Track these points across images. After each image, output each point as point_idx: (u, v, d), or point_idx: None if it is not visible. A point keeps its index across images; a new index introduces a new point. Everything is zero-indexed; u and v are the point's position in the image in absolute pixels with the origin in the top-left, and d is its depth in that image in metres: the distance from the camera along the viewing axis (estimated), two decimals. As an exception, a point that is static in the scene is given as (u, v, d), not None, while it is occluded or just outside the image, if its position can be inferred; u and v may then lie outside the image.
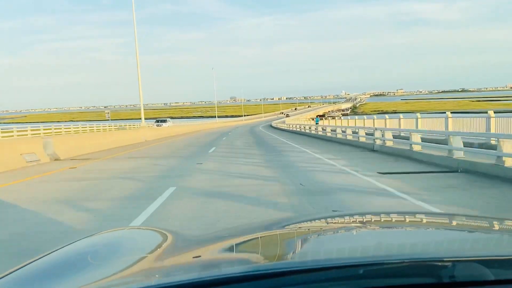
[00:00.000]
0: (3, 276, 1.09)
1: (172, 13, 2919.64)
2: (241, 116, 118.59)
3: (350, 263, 0.89)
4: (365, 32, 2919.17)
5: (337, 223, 1.54)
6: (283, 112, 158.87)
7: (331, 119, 49.67)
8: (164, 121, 49.64)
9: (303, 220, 1.68)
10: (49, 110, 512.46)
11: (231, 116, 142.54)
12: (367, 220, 1.57)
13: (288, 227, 1.49)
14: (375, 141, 15.96)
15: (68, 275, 1.09)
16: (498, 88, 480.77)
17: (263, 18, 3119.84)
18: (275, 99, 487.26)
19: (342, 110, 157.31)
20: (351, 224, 1.52)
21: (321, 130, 27.27)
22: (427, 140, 15.42)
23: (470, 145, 11.15)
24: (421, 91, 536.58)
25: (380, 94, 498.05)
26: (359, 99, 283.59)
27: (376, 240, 1.21)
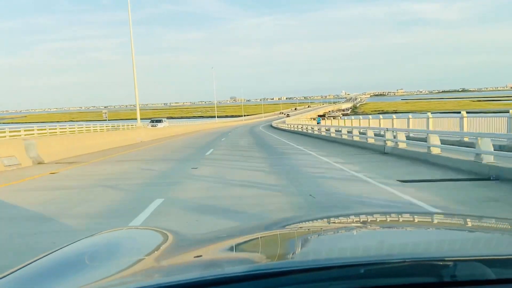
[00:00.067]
0: (4, 276, 1.08)
1: (172, 13, 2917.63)
2: (241, 116, 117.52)
3: (351, 263, 0.89)
4: (365, 32, 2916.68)
5: (337, 223, 1.53)
6: (282, 112, 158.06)
7: (332, 119, 48.86)
8: (160, 121, 47.52)
9: (304, 220, 1.65)
10: (49, 110, 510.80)
11: (231, 116, 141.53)
12: (368, 220, 1.53)
13: (289, 227, 1.47)
14: (386, 142, 14.72)
15: (69, 275, 1.09)
16: (499, 88, 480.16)
17: (263, 18, 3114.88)
18: (275, 99, 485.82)
19: (343, 110, 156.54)
20: (352, 224, 1.48)
21: (325, 130, 26.07)
22: (442, 142, 14.39)
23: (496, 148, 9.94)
24: (421, 91, 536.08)
25: (380, 94, 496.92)
26: (359, 99, 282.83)
27: (377, 239, 1.20)
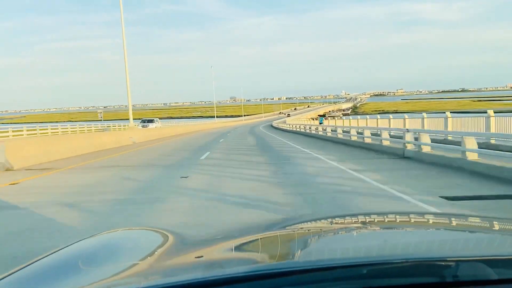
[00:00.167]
0: (4, 277, 1.08)
1: (172, 13, 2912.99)
2: (241, 116, 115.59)
3: (354, 263, 0.88)
4: (365, 32, 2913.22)
5: (340, 223, 1.53)
6: (281, 112, 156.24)
7: (331, 119, 47.05)
8: (151, 121, 44.69)
9: (306, 221, 1.64)
10: (48, 110, 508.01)
11: (231, 116, 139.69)
12: (370, 221, 1.53)
13: (290, 228, 1.46)
14: (406, 145, 12.88)
15: (68, 276, 1.09)
16: (498, 88, 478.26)
17: (263, 18, 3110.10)
18: (275, 99, 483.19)
19: (343, 110, 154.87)
20: (354, 224, 1.48)
21: (330, 131, 24.21)
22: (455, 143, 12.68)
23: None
24: (421, 91, 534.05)
25: (380, 94, 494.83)
26: (360, 99, 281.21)
27: (380, 240, 1.20)
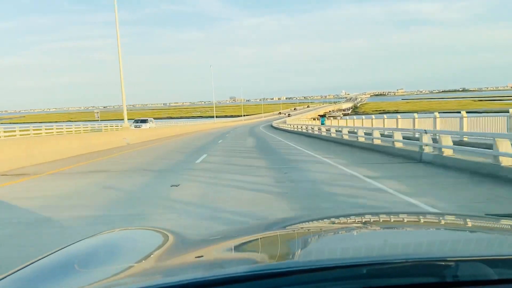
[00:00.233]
0: (4, 277, 1.08)
1: (172, 13, 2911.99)
2: (241, 116, 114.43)
3: (354, 263, 0.88)
4: (365, 32, 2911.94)
5: (339, 223, 1.53)
6: (281, 112, 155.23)
7: (333, 119, 45.88)
8: (145, 121, 42.26)
9: (306, 220, 1.64)
10: (48, 110, 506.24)
11: (231, 116, 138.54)
12: (370, 220, 1.53)
13: (291, 227, 1.46)
14: (423, 148, 11.66)
15: (69, 276, 1.09)
16: (499, 88, 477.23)
17: (263, 18, 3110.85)
18: (274, 99, 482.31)
19: (343, 110, 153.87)
20: (354, 224, 1.48)
21: (335, 131, 23.01)
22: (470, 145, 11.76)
23: None
24: (421, 91, 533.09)
25: (380, 94, 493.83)
26: (360, 99, 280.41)
27: (380, 240, 1.19)
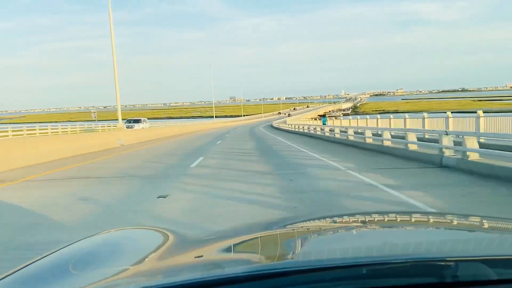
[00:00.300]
0: (5, 277, 1.08)
1: (172, 13, 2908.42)
2: (241, 116, 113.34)
3: (354, 263, 0.88)
4: (365, 32, 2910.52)
5: (339, 223, 1.52)
6: (280, 112, 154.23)
7: (334, 119, 44.81)
8: (138, 121, 39.38)
9: (305, 220, 1.62)
10: (48, 110, 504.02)
11: (230, 116, 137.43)
12: (369, 220, 1.52)
13: (290, 227, 1.45)
14: (443, 151, 10.47)
15: (69, 276, 1.09)
16: (498, 88, 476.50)
17: (263, 18, 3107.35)
18: (274, 99, 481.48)
19: (343, 110, 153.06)
20: (354, 224, 1.47)
21: (339, 132, 21.81)
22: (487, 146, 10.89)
23: None
24: (420, 91, 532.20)
25: (380, 94, 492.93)
26: (359, 99, 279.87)
27: (380, 240, 1.19)
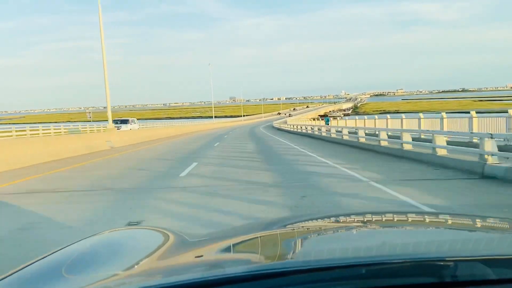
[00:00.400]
0: (5, 277, 1.08)
1: (172, 14, 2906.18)
2: (240, 116, 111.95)
3: (353, 263, 0.88)
4: (365, 32, 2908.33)
5: (339, 222, 1.52)
6: (280, 112, 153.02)
7: (339, 119, 43.42)
8: (125, 121, 36.05)
9: (305, 220, 1.63)
10: (48, 110, 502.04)
11: (230, 117, 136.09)
12: (369, 220, 1.52)
13: (290, 227, 1.45)
14: (486, 158, 8.67)
15: (69, 276, 1.09)
16: (499, 88, 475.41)
17: (263, 18, 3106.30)
18: (274, 99, 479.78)
19: (343, 110, 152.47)
20: (353, 224, 1.47)
21: (347, 133, 20.06)
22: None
23: None
24: (421, 91, 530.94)
25: (380, 94, 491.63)
26: (360, 99, 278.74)
27: (379, 240, 1.19)
